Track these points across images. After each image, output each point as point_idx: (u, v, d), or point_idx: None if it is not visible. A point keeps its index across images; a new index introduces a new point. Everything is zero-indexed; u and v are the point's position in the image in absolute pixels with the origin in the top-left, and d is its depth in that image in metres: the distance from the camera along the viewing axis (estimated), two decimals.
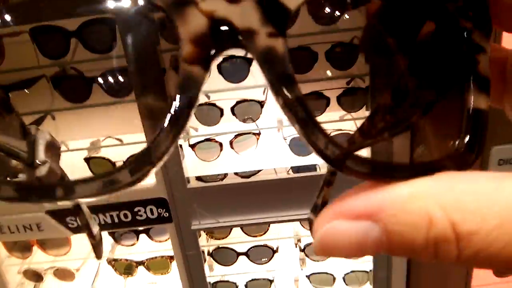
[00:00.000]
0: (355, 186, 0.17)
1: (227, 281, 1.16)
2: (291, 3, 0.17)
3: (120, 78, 0.87)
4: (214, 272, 1.15)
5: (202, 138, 0.97)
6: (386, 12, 0.21)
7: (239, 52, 0.91)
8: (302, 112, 0.17)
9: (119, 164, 0.94)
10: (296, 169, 0.95)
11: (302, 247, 1.14)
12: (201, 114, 0.94)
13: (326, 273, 1.15)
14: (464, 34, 0.17)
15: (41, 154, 0.24)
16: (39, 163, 0.23)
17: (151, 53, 0.67)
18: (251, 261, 1.14)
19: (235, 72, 0.91)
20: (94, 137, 1.04)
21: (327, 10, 0.84)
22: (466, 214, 0.13)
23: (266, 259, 1.15)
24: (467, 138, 0.17)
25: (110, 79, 0.88)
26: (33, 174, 0.22)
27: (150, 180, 0.93)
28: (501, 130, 0.71)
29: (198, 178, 0.97)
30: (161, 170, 0.90)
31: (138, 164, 0.18)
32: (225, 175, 0.98)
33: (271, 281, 1.17)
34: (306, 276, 1.17)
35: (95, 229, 0.27)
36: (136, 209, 0.93)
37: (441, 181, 0.15)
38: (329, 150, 0.17)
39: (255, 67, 0.90)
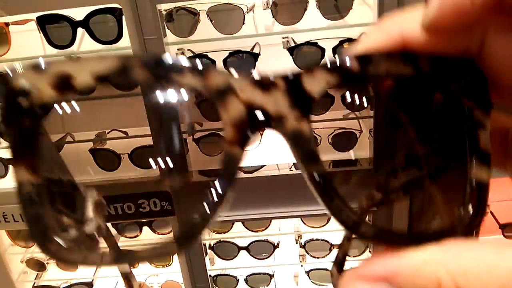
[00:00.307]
0: (374, 252, 0.19)
1: (228, 275, 1.16)
2: (314, 91, 0.19)
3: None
4: (215, 265, 1.16)
5: (206, 133, 0.97)
6: (398, 90, 0.24)
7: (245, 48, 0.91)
8: (325, 184, 0.20)
9: (123, 156, 0.95)
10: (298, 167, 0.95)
11: (303, 243, 1.14)
12: (205, 109, 0.95)
13: (326, 269, 1.16)
14: (466, 111, 0.20)
15: (89, 212, 0.26)
16: (88, 220, 0.25)
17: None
18: (251, 255, 1.15)
19: (241, 67, 0.91)
20: (100, 129, 1.04)
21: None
22: (471, 279, 0.16)
23: (267, 254, 1.15)
24: (470, 207, 0.20)
25: None
26: (82, 230, 0.24)
27: (154, 173, 0.93)
28: None
29: (201, 172, 0.97)
30: (165, 164, 0.90)
31: (187, 235, 0.20)
32: None
33: (271, 276, 1.17)
34: (306, 272, 1.17)
35: None
36: (140, 202, 0.93)
37: (449, 249, 0.17)
38: (348, 218, 0.20)
39: (261, 63, 0.90)
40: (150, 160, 0.92)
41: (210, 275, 1.12)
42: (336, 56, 0.20)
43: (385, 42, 0.20)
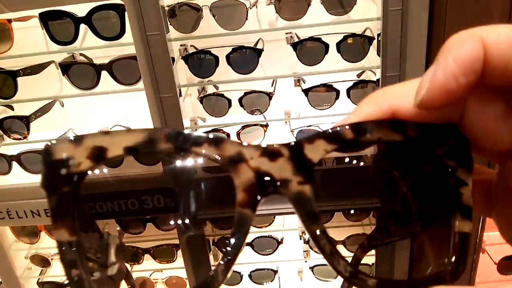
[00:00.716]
0: None
1: (232, 271, 1.16)
2: (314, 157, 0.22)
3: (129, 66, 0.87)
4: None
5: (210, 129, 0.97)
6: (391, 151, 0.27)
7: (248, 44, 0.91)
8: (326, 242, 0.22)
9: None
10: None
11: (307, 239, 1.14)
12: (209, 104, 0.94)
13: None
14: (450, 171, 0.23)
15: (112, 257, 0.29)
16: (111, 264, 0.28)
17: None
18: (255, 251, 1.15)
19: (244, 63, 0.91)
20: (103, 125, 1.04)
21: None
22: None
23: (271, 250, 1.15)
24: (453, 258, 0.23)
25: (119, 66, 0.87)
26: (106, 273, 0.27)
27: (158, 169, 0.93)
28: None
29: (205, 169, 0.97)
30: (169, 160, 0.89)
31: None
32: None
33: (275, 272, 1.17)
34: (310, 268, 1.17)
35: None
36: (143, 198, 0.93)
37: None
38: (346, 270, 0.22)
39: (263, 59, 0.90)
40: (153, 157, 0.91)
41: None
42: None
43: (376, 113, 0.22)
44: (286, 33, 0.88)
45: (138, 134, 0.21)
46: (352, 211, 1.08)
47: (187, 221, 0.38)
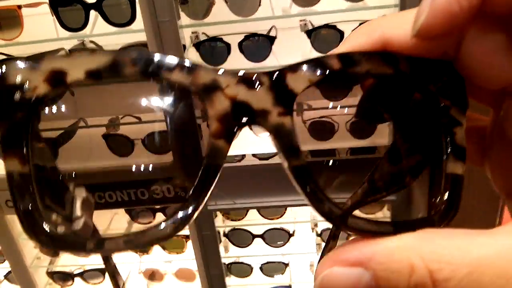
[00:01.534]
0: (350, 239, 0.20)
1: (242, 263, 1.15)
2: (297, 87, 0.20)
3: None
4: (229, 253, 1.15)
5: None
6: (380, 87, 0.25)
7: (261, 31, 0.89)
8: (308, 179, 0.21)
9: (137, 141, 0.93)
10: (314, 153, 0.93)
11: (319, 232, 1.12)
12: None
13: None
14: (443, 110, 0.21)
15: (77, 210, 0.27)
16: (76, 217, 0.26)
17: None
18: (266, 243, 1.13)
19: (256, 51, 0.89)
20: (113, 114, 1.03)
21: None
22: (442, 264, 0.17)
23: (282, 242, 1.13)
24: (446, 198, 0.21)
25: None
26: (70, 227, 0.25)
27: (168, 159, 0.92)
28: None
29: None
30: (179, 150, 0.88)
31: (170, 221, 0.21)
32: (243, 156, 0.96)
33: (286, 265, 1.16)
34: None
35: (121, 282, 0.31)
36: (153, 188, 0.92)
37: (423, 236, 0.18)
38: (330, 210, 0.21)
39: (276, 47, 0.88)
40: (164, 145, 0.90)
41: (224, 263, 1.11)
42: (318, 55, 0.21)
43: (366, 44, 0.21)
44: (300, 20, 0.86)
45: (102, 56, 0.19)
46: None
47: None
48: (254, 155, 0.96)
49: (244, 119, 0.20)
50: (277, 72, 0.20)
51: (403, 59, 0.21)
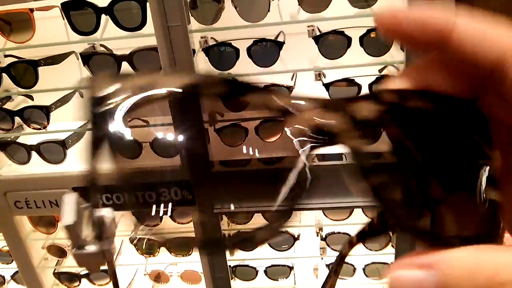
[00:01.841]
0: (417, 250, 0.22)
1: (247, 266, 1.15)
2: (371, 115, 0.22)
3: (150, 57, 0.86)
4: (234, 256, 1.15)
5: (228, 123, 0.96)
6: (409, 123, 0.26)
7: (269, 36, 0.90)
8: (381, 195, 0.22)
9: (145, 145, 0.94)
10: (321, 157, 0.94)
11: (324, 236, 1.12)
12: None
13: (346, 263, 1.14)
14: (477, 145, 0.24)
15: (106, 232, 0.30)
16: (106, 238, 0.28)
17: None
18: (271, 247, 1.14)
19: (265, 56, 0.90)
20: None
21: None
22: (501, 269, 0.19)
23: (287, 246, 1.14)
24: (490, 220, 0.23)
25: (140, 57, 0.87)
26: (101, 246, 0.28)
27: (176, 162, 0.93)
28: None
29: (222, 163, 0.96)
30: (187, 153, 0.89)
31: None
32: (249, 160, 0.97)
33: (290, 268, 1.16)
34: (326, 265, 1.16)
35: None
36: (160, 190, 0.93)
37: (484, 248, 0.20)
38: (402, 221, 0.23)
39: (284, 52, 0.89)
40: (172, 149, 0.91)
41: (229, 266, 1.12)
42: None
43: (439, 20, 0.22)
44: (308, 26, 0.87)
45: (189, 77, 0.21)
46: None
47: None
48: (259, 160, 0.97)
49: (323, 141, 0.22)
50: (351, 99, 0.22)
51: (440, 97, 0.23)
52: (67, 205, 0.24)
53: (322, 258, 1.17)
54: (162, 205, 0.99)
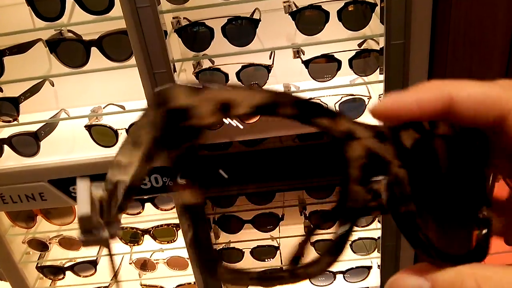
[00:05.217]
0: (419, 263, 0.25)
1: (233, 248, 1.15)
2: (408, 143, 0.24)
3: (120, 41, 0.82)
4: (220, 239, 1.14)
5: None
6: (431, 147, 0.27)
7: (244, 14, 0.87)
8: (412, 224, 0.24)
9: (121, 131, 0.91)
10: (302, 138, 0.92)
11: (307, 215, 1.12)
12: (205, 80, 0.91)
13: (332, 240, 1.14)
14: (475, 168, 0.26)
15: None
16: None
17: None
18: (256, 228, 1.13)
19: (240, 35, 0.87)
20: (95, 104, 1.00)
21: None
22: (490, 282, 0.22)
23: (271, 226, 1.13)
24: (482, 237, 0.26)
25: (110, 42, 0.83)
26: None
27: None
28: None
29: (202, 146, 0.94)
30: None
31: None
32: (230, 144, 0.95)
33: (276, 248, 1.16)
34: (311, 243, 1.16)
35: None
36: None
37: (476, 266, 0.23)
38: (425, 247, 0.24)
39: (261, 30, 0.86)
40: None
41: (215, 249, 1.11)
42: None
43: (434, 99, 0.23)
44: (284, 2, 0.84)
45: (267, 95, 0.21)
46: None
47: None
48: (240, 142, 0.95)
49: (378, 168, 0.23)
50: (395, 129, 0.24)
51: (461, 127, 0.25)
52: (82, 192, 0.22)
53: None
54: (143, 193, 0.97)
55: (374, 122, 0.24)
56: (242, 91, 0.20)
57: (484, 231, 0.25)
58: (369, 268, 1.16)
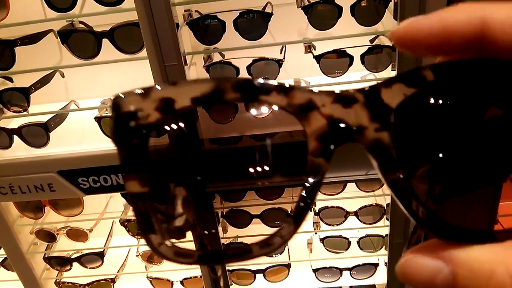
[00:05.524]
0: (435, 239, 0.21)
1: (241, 243, 1.15)
2: (392, 102, 0.21)
3: (132, 33, 0.82)
4: (227, 233, 1.14)
5: None
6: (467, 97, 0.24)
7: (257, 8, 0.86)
8: (405, 190, 0.21)
9: None
10: None
11: (317, 211, 1.11)
12: (215, 73, 0.90)
13: (341, 236, 1.14)
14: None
15: (179, 208, 0.29)
16: (178, 215, 0.29)
17: None
18: (264, 223, 1.13)
19: (252, 29, 0.86)
20: (105, 95, 1.00)
21: None
22: None
23: (280, 221, 1.13)
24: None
25: (121, 34, 0.83)
26: (173, 224, 0.28)
27: (164, 141, 0.90)
28: None
29: (212, 140, 0.93)
30: (176, 132, 0.86)
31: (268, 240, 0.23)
32: (240, 138, 0.95)
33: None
34: (320, 239, 1.15)
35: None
36: None
37: (509, 247, 0.19)
38: (424, 216, 0.21)
39: (272, 24, 0.85)
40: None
41: (223, 243, 1.11)
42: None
43: (464, 21, 0.19)
44: None
45: (205, 84, 0.21)
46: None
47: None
48: (251, 137, 0.94)
49: (342, 137, 0.21)
50: (371, 89, 0.21)
51: (497, 67, 0.21)
52: None
53: (316, 233, 1.16)
54: None
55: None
56: (183, 86, 0.21)
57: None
58: (376, 265, 1.16)
